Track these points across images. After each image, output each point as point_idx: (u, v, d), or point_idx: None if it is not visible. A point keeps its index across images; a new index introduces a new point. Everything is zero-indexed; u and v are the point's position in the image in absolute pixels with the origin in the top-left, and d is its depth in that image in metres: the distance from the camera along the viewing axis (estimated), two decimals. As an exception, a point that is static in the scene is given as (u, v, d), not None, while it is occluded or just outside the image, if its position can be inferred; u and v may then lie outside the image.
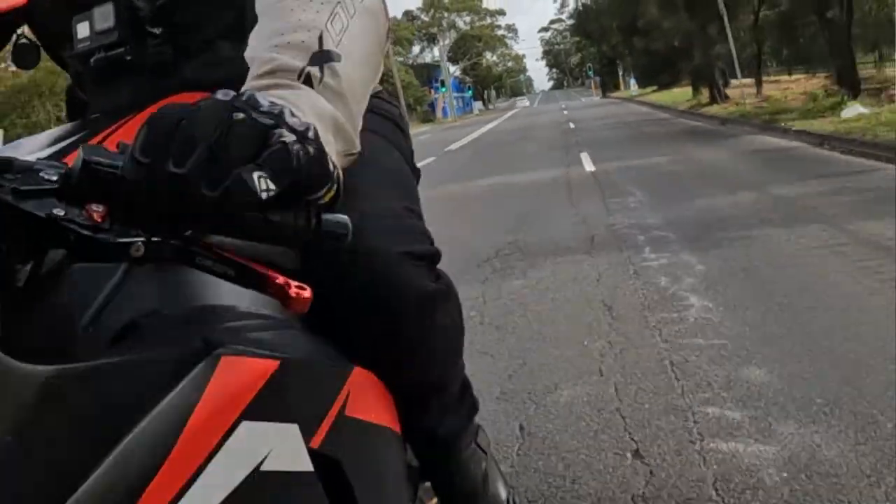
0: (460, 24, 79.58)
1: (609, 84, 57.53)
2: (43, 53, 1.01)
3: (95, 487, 0.41)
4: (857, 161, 6.39)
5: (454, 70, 67.99)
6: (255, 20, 0.64)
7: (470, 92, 71.69)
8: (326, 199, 0.49)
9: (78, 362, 0.46)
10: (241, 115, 0.45)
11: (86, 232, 0.45)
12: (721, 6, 12.99)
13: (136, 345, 0.53)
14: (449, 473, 0.96)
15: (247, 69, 0.58)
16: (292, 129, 0.47)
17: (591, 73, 67.59)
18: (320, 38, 0.59)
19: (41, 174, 0.46)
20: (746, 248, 3.76)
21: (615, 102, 36.44)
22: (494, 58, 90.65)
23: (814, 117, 9.91)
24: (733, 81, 17.02)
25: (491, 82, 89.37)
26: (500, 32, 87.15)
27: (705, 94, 18.44)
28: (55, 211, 0.45)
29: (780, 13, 11.08)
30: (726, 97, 16.81)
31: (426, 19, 75.15)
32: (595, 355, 2.57)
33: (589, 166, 8.74)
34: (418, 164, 1.04)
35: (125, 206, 0.46)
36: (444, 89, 50.69)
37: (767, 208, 4.76)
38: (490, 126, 26.68)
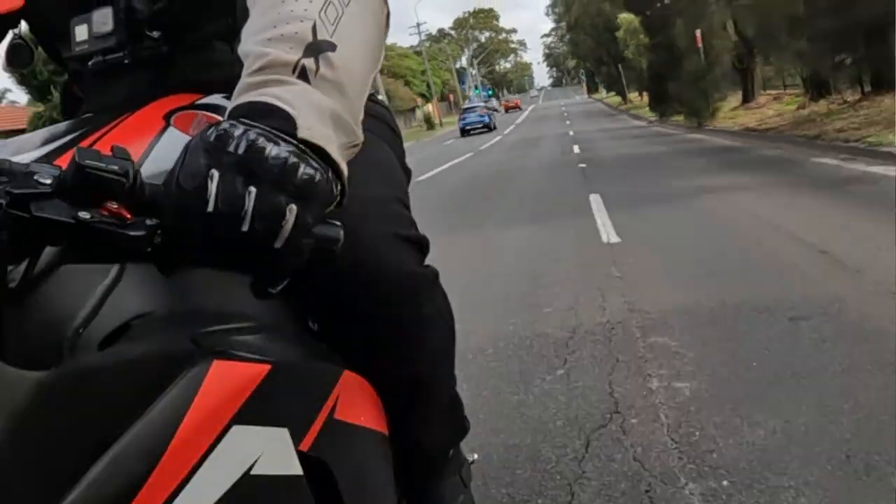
0: (481, 38, 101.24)
1: (592, 88, 79.63)
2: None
3: (89, 490, 0.42)
4: (631, 120, 27.48)
5: (474, 73, 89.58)
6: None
7: (491, 92, 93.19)
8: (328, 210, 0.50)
9: (69, 365, 0.46)
10: (252, 190, 0.46)
11: (121, 231, 0.46)
12: (620, 67, 34.46)
13: (128, 347, 0.53)
14: (426, 495, 0.95)
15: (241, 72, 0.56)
16: (302, 185, 0.48)
17: (584, 76, 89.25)
18: (314, 29, 0.57)
19: (35, 177, 0.45)
20: (590, 123, 24.95)
21: (591, 102, 60.00)
22: (507, 65, 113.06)
23: (641, 109, 31.19)
24: (633, 94, 38.84)
25: (505, 84, 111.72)
26: (512, 45, 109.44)
27: (627, 99, 40.10)
28: (81, 215, 0.45)
29: (640, 72, 32.34)
30: (630, 101, 38.39)
31: (455, 35, 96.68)
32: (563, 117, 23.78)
33: (569, 122, 29.85)
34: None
35: (144, 209, 0.47)
36: (477, 91, 72.27)
37: (601, 124, 25.92)
38: (524, 115, 48.60)
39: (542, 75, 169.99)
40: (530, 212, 6.60)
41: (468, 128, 29.96)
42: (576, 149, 14.09)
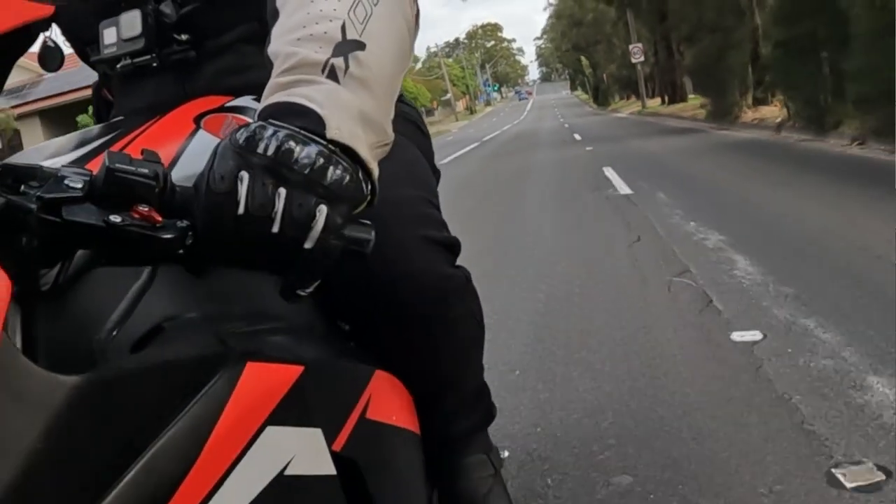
0: (487, 45, 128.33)
1: (574, 86, 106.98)
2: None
3: (123, 494, 0.41)
4: (587, 108, 54.05)
5: (483, 72, 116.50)
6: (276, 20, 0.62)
7: (497, 87, 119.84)
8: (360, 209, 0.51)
9: (102, 368, 0.46)
10: (283, 192, 0.47)
11: (151, 234, 0.46)
12: (586, 78, 61.57)
13: (160, 350, 0.53)
14: (452, 475, 0.95)
15: (269, 74, 0.57)
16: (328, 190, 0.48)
17: (569, 77, 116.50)
18: (343, 28, 0.57)
19: (66, 182, 0.46)
20: (567, 110, 51.64)
21: (572, 97, 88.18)
22: (507, 67, 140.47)
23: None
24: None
25: (505, 81, 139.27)
26: (512, 51, 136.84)
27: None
28: (111, 218, 0.45)
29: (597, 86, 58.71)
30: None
31: (466, 42, 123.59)
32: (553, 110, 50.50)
33: (558, 111, 55.96)
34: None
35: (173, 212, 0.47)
36: (490, 87, 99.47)
37: (572, 110, 52.55)
38: (530, 103, 75.71)
39: (533, 70, 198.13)
40: (547, 122, 32.91)
41: (520, 97, 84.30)
42: (560, 117, 40.38)
